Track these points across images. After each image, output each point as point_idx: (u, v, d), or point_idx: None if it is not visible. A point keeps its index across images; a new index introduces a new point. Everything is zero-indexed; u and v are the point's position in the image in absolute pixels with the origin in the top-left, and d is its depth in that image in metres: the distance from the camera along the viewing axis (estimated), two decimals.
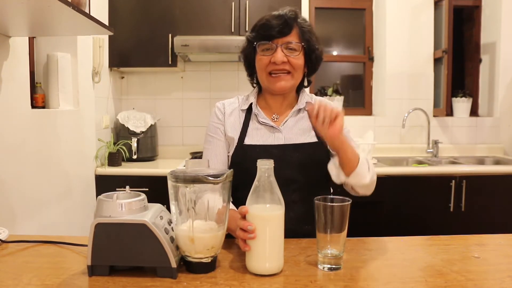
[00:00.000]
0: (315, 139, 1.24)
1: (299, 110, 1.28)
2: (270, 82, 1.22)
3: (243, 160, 1.20)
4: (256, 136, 1.24)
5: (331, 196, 0.95)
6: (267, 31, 1.17)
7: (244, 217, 0.91)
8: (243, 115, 1.28)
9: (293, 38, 1.18)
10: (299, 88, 1.31)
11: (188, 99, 3.10)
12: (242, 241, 0.91)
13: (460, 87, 3.34)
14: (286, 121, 1.26)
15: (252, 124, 1.26)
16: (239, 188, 1.07)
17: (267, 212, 0.90)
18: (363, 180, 1.18)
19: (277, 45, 1.18)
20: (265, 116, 1.26)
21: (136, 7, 2.68)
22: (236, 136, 1.25)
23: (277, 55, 1.17)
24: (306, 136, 1.25)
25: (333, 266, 0.92)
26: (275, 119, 1.27)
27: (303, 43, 1.19)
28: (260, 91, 1.33)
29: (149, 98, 3.09)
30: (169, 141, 3.10)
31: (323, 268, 0.92)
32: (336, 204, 0.91)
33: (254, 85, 1.34)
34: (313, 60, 1.24)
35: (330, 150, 1.27)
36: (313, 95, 1.35)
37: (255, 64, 1.25)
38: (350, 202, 0.92)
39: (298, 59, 1.20)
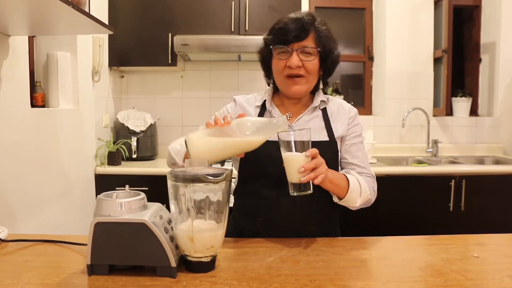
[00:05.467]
0: (326, 138, 1.24)
1: (314, 108, 1.28)
2: (286, 85, 1.23)
3: (253, 154, 1.20)
4: None
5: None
6: (284, 35, 1.18)
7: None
8: (257, 111, 1.30)
9: (309, 43, 1.18)
10: (314, 90, 1.31)
11: (188, 99, 3.10)
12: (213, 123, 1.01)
13: (460, 86, 3.34)
14: (299, 119, 1.27)
15: None
16: (248, 181, 1.08)
17: (244, 136, 0.99)
18: (353, 204, 1.20)
19: (293, 49, 1.18)
20: (279, 113, 1.28)
21: (136, 6, 2.68)
22: None
23: (293, 60, 1.18)
24: (317, 134, 1.24)
25: (302, 193, 1.00)
26: (288, 117, 1.28)
27: (318, 48, 1.20)
28: (276, 90, 1.34)
29: (149, 97, 3.09)
30: (169, 140, 3.06)
31: (294, 193, 1.01)
32: (296, 130, 1.01)
33: (271, 84, 1.35)
34: (328, 64, 1.25)
35: (340, 151, 1.27)
36: (329, 95, 1.35)
37: (271, 66, 1.26)
38: (309, 130, 1.02)
39: (313, 64, 1.20)
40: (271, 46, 1.22)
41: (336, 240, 1.15)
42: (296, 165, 0.99)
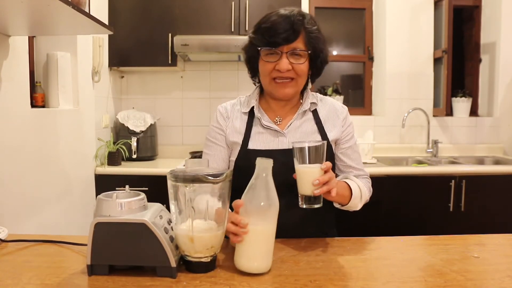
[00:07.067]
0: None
1: (304, 112, 1.24)
2: (273, 88, 1.19)
3: (247, 165, 1.17)
4: (260, 140, 1.21)
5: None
6: (273, 37, 1.11)
7: (237, 212, 0.92)
8: (245, 118, 1.25)
9: (299, 45, 1.13)
10: (303, 90, 1.26)
11: (188, 99, 3.10)
12: (232, 234, 0.91)
13: (460, 87, 3.34)
14: (290, 124, 1.23)
15: (256, 127, 1.23)
16: (243, 189, 1.07)
17: (261, 209, 0.90)
18: (355, 208, 1.20)
19: (282, 52, 1.13)
20: (269, 119, 1.23)
21: (136, 6, 2.68)
22: (239, 140, 1.22)
23: (282, 63, 1.13)
24: (310, 138, 1.22)
25: (313, 205, 0.99)
26: (278, 122, 1.24)
27: (309, 51, 1.15)
28: (262, 91, 1.29)
29: (149, 97, 3.09)
30: (168, 141, 3.10)
31: (303, 205, 1.00)
32: (312, 145, 0.98)
33: (257, 84, 1.30)
34: (318, 64, 1.20)
35: (335, 154, 1.26)
36: (318, 94, 1.31)
37: (257, 66, 1.21)
38: (325, 143, 0.99)
39: (303, 66, 1.16)
40: (258, 48, 1.16)
41: (336, 240, 1.15)
42: (310, 178, 0.97)
